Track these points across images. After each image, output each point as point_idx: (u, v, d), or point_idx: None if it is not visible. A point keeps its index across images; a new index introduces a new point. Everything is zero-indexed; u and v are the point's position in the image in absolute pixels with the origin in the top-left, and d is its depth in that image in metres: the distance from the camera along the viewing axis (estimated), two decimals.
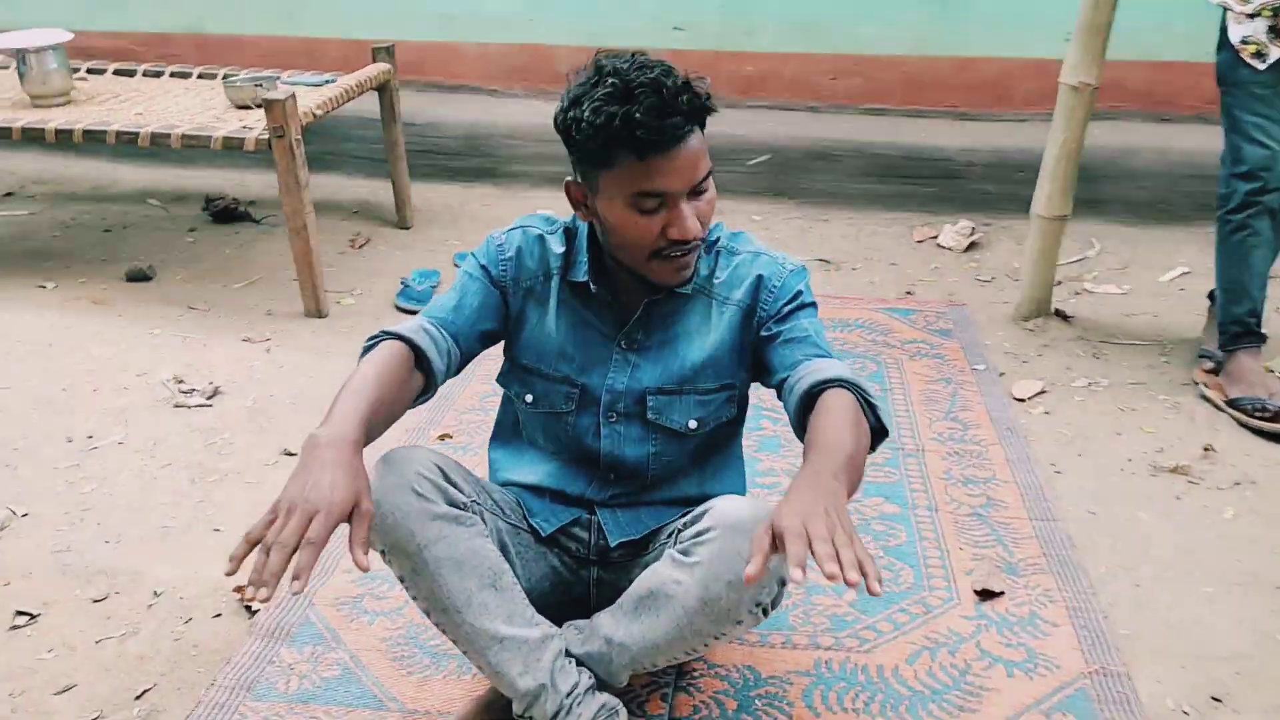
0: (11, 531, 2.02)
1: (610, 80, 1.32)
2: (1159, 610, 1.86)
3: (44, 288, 3.20)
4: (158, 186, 4.15)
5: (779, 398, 1.50)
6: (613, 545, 1.59)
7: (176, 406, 2.51)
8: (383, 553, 1.42)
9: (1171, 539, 2.06)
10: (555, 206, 1.47)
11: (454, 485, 1.45)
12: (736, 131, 3.92)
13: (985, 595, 1.88)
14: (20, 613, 1.80)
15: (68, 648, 1.73)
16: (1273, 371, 2.60)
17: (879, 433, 1.42)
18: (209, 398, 2.55)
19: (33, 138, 3.01)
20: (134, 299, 3.14)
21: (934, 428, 2.46)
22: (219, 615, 1.81)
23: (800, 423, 1.43)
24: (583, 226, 1.55)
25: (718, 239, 1.57)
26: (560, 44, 4.02)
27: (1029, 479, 2.25)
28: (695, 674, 1.68)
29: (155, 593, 1.86)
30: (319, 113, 3.02)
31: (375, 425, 1.34)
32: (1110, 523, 2.12)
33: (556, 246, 1.57)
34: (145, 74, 3.69)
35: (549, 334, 1.56)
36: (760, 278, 1.53)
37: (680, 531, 1.48)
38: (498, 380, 1.65)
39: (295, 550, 1.16)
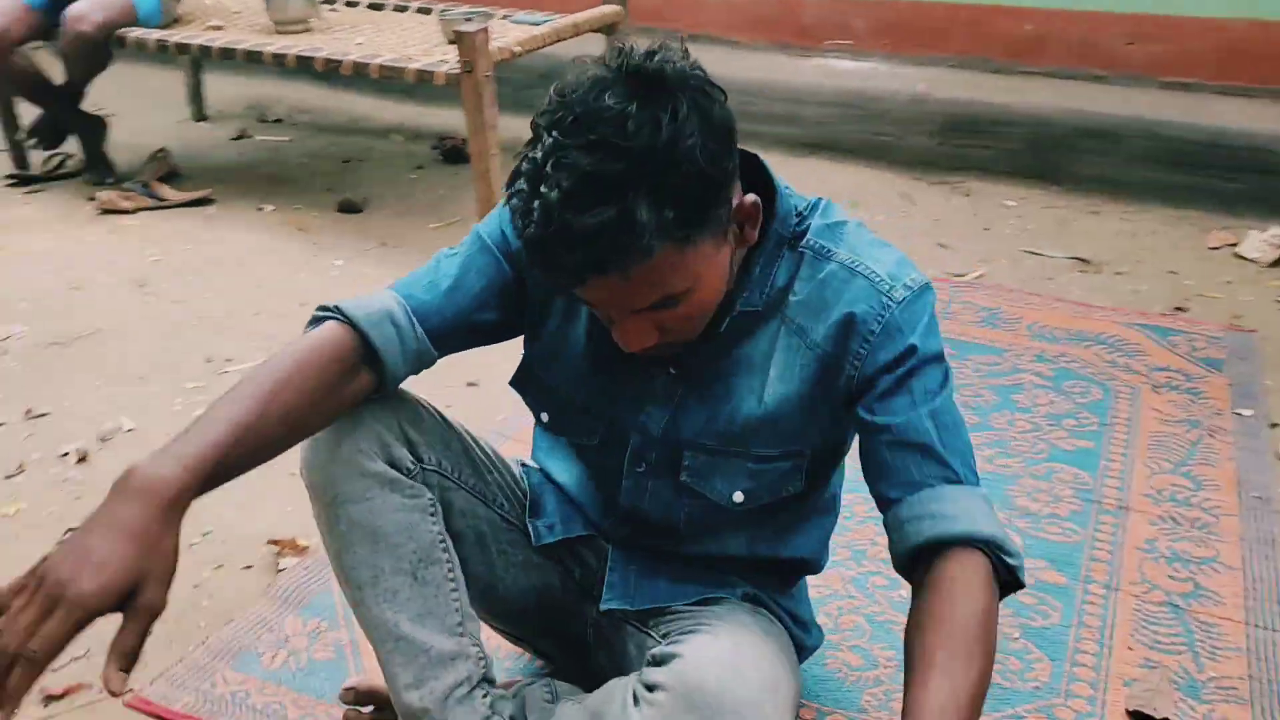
0: (112, 445, 2.03)
1: (544, 145, 0.93)
2: None
3: (262, 210, 3.30)
4: (404, 123, 4.22)
5: (879, 509, 1.09)
6: (602, 608, 1.24)
7: None
8: (309, 492, 1.16)
9: None
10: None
11: (410, 444, 1.16)
12: (997, 100, 3.39)
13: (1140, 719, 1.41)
14: (71, 529, 1.78)
15: None
16: None
17: (1012, 585, 1.05)
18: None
19: (255, 60, 3.07)
20: (336, 229, 3.16)
21: (1153, 481, 1.94)
22: (249, 567, 1.71)
23: (908, 568, 1.06)
24: None
25: (807, 228, 1.11)
26: None
27: (1264, 570, 1.71)
28: None
29: (204, 533, 1.78)
30: (518, 49, 2.87)
31: (242, 454, 0.99)
32: None
33: None
34: (394, 8, 3.71)
35: (574, 345, 1.18)
36: (851, 318, 1.07)
37: (655, 650, 1.11)
38: (511, 384, 1.26)
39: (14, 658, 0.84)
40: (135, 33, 3.19)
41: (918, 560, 1.04)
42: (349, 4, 3.76)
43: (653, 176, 0.91)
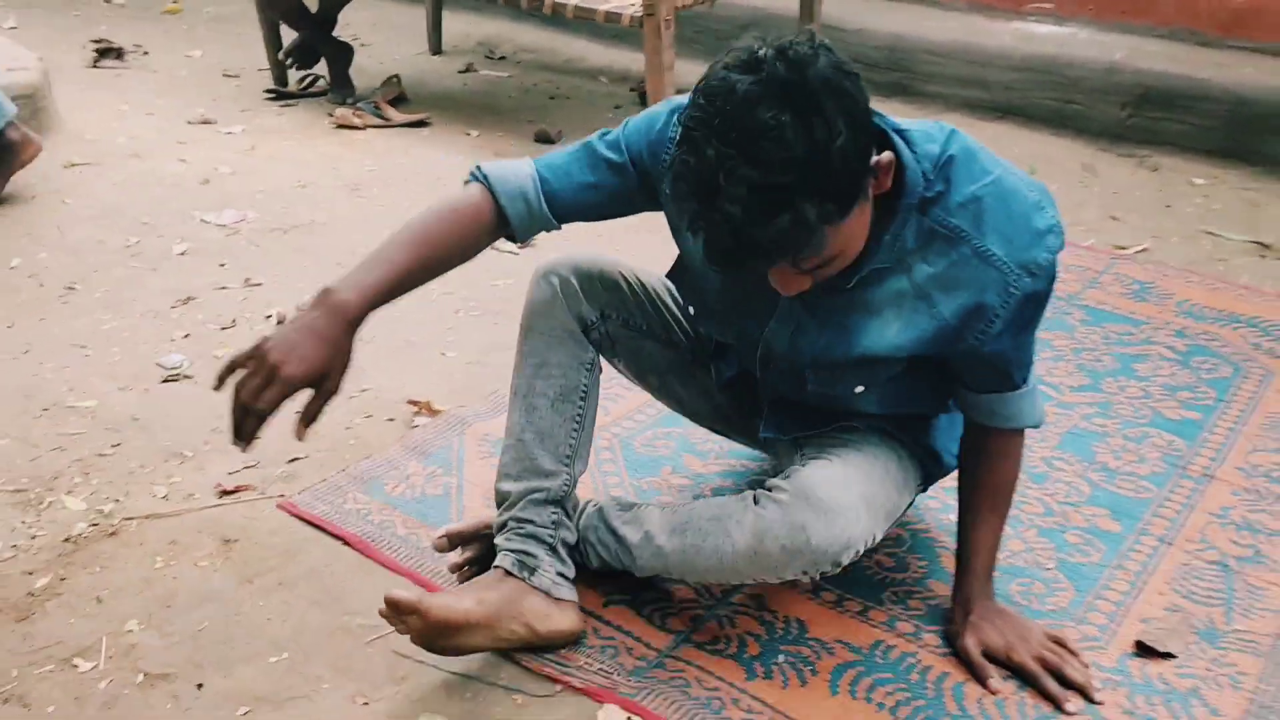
0: None
1: (705, 155, 1.08)
2: None
3: (469, 135, 3.65)
4: (613, 67, 4.48)
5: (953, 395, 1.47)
6: (761, 436, 1.54)
7: (493, 249, 2.76)
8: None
9: None
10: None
11: (601, 308, 1.51)
12: (1199, 74, 3.26)
13: (1146, 652, 1.48)
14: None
15: None
16: None
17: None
18: (521, 247, 2.77)
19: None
20: (528, 155, 3.46)
21: (1250, 458, 1.94)
22: (391, 420, 2.02)
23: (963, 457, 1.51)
24: None
25: (938, 195, 1.26)
26: None
27: None
28: (738, 606, 1.55)
29: (362, 389, 2.11)
30: None
31: (402, 287, 1.33)
32: None
33: None
34: None
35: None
36: (981, 306, 1.28)
37: (791, 464, 1.45)
38: (667, 275, 1.53)
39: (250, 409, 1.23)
40: None
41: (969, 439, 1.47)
42: None
43: (815, 180, 1.08)
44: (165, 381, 2.12)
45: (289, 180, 3.15)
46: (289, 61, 4.00)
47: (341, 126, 3.65)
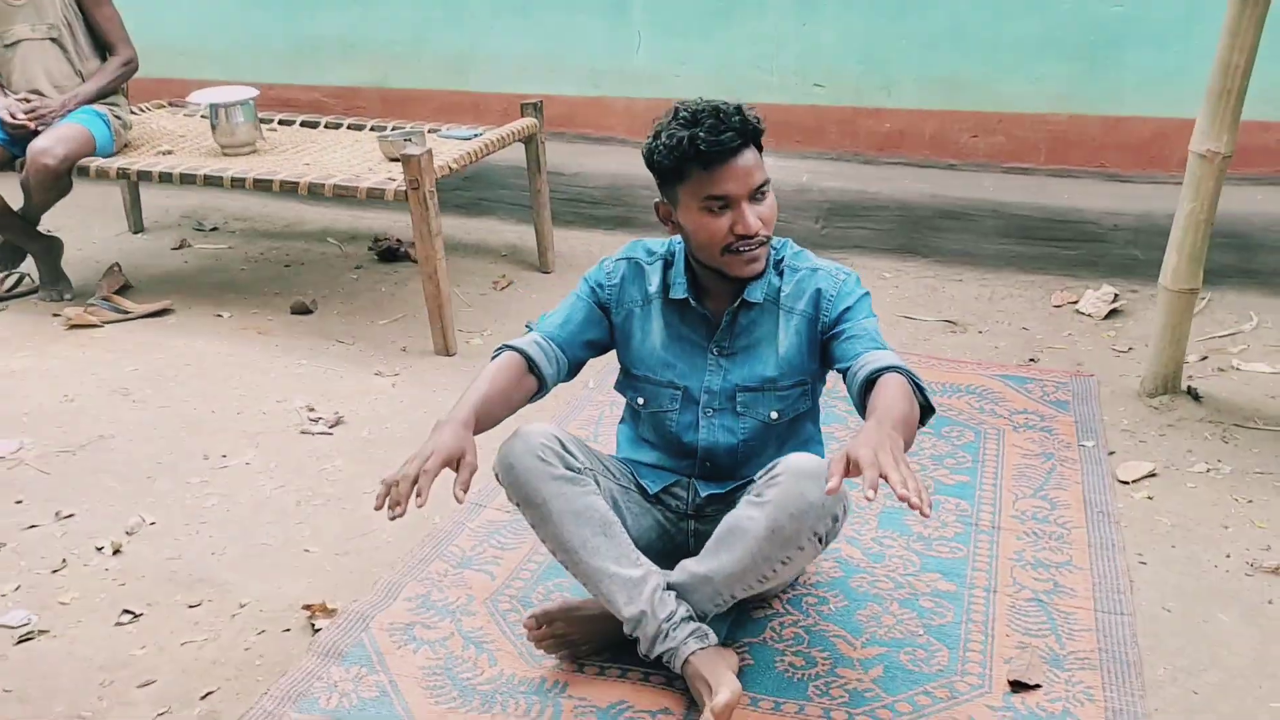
0: (138, 537, 2.30)
1: (681, 114, 1.76)
2: None
3: (220, 316, 3.57)
4: (337, 226, 4.54)
5: (844, 381, 1.85)
6: (703, 495, 1.98)
7: (302, 433, 2.77)
8: (517, 505, 1.84)
9: (1251, 646, 1.94)
10: None
11: (570, 454, 1.85)
12: (869, 188, 3.91)
13: (1019, 687, 1.83)
14: (126, 611, 2.05)
15: (158, 647, 1.96)
16: None
17: (927, 409, 1.76)
18: (332, 426, 2.80)
19: (213, 183, 3.38)
20: (293, 330, 3.46)
21: (1018, 505, 2.40)
22: (288, 630, 2.00)
23: (862, 403, 1.77)
24: (679, 251, 1.93)
25: (783, 258, 1.93)
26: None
27: (1107, 567, 2.16)
28: None
29: (241, 604, 2.07)
30: (455, 166, 3.26)
31: (487, 415, 1.82)
32: (1185, 622, 2.01)
33: (654, 277, 1.96)
34: (326, 126, 4.06)
35: (654, 349, 1.96)
36: (819, 291, 1.89)
37: (757, 481, 1.81)
38: (615, 388, 2.07)
39: (415, 481, 1.62)
40: (97, 162, 3.47)
41: (866, 395, 1.74)
42: (283, 122, 4.09)
43: (752, 124, 1.77)
44: (20, 642, 1.97)
45: (51, 396, 2.95)
46: None
47: (76, 326, 3.45)
